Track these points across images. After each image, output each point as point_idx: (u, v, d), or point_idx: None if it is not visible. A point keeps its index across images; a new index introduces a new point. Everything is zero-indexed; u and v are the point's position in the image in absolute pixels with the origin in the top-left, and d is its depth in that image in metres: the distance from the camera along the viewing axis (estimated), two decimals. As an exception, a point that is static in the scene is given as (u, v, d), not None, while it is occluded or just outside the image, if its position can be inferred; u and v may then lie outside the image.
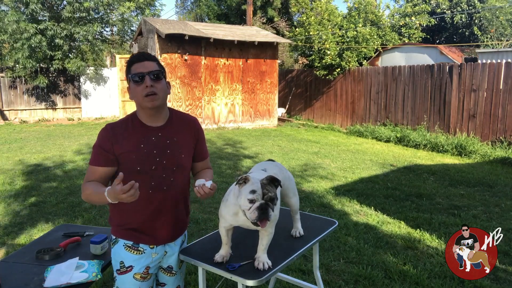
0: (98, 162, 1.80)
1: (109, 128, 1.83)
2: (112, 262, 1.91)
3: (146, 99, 1.77)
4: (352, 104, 12.23)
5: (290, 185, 2.08)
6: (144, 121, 1.85)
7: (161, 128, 1.87)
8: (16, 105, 13.64)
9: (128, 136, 1.81)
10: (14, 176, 6.23)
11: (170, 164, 1.85)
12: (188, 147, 1.93)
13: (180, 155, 1.89)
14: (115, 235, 1.90)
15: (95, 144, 1.83)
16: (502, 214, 4.70)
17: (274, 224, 1.81)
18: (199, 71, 11.61)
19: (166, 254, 1.93)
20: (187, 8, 30.47)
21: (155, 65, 1.82)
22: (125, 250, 1.85)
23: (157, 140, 1.84)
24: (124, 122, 1.87)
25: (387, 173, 6.62)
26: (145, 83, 1.76)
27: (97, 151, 1.81)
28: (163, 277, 1.98)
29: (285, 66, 20.12)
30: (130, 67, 1.83)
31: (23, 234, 4.03)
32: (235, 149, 8.75)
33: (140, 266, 1.84)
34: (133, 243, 1.85)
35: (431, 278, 3.20)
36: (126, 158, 1.79)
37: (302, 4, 13.90)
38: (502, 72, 8.25)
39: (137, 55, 1.83)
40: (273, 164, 2.05)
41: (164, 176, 1.84)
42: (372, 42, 12.61)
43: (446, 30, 18.80)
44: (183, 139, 1.91)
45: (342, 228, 4.19)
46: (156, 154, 1.82)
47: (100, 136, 1.82)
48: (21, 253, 2.23)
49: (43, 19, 13.46)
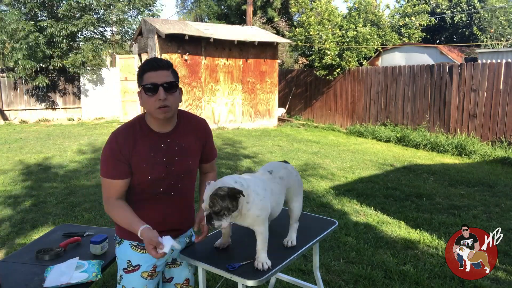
0: (115, 175, 1.74)
1: (120, 138, 1.75)
2: (117, 261, 1.90)
3: (158, 111, 1.71)
4: (352, 104, 12.23)
5: (297, 189, 2.05)
6: (152, 127, 1.80)
7: (170, 134, 1.83)
8: (16, 105, 13.64)
9: (138, 144, 1.76)
10: (14, 176, 6.23)
11: (179, 171, 1.84)
12: (195, 151, 1.91)
13: (188, 161, 1.87)
14: (120, 235, 1.88)
15: (107, 155, 1.75)
16: (502, 214, 4.70)
17: (266, 224, 1.80)
18: (199, 71, 11.61)
19: (173, 251, 1.91)
20: (187, 8, 30.46)
21: (170, 75, 1.73)
22: (131, 249, 1.85)
23: (166, 147, 1.81)
24: (131, 127, 1.79)
25: (387, 173, 6.62)
26: (158, 95, 1.69)
27: (111, 163, 1.74)
28: (169, 271, 1.98)
29: (285, 66, 20.11)
30: (142, 75, 1.73)
31: (23, 234, 4.03)
32: (235, 149, 8.75)
33: (148, 265, 1.84)
34: (138, 243, 1.84)
35: (431, 278, 3.20)
36: (138, 167, 1.76)
37: (302, 4, 13.89)
38: (502, 72, 8.25)
39: (150, 63, 1.72)
40: (283, 166, 2.02)
41: (172, 183, 1.83)
42: (372, 42, 12.61)
43: (446, 30, 18.80)
44: (191, 143, 1.88)
45: (342, 228, 4.19)
46: (165, 162, 1.80)
47: (111, 148, 1.74)
48: (21, 253, 2.23)
49: (42, 18, 13.47)
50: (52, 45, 13.26)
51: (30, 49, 12.63)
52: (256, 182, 1.81)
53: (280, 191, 1.94)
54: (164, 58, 1.79)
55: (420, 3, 16.73)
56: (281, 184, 1.94)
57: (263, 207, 1.76)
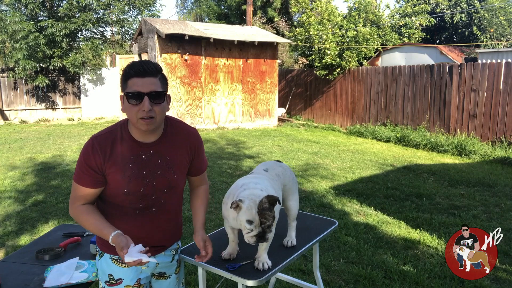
0: (85, 182, 1.60)
1: (96, 144, 1.58)
2: (98, 273, 1.77)
3: (141, 122, 1.53)
4: (352, 104, 12.23)
5: (293, 187, 2.05)
6: (135, 136, 1.62)
7: (154, 145, 1.64)
8: (16, 105, 13.63)
9: (116, 153, 1.59)
10: (14, 176, 6.23)
11: (161, 186, 1.66)
12: (181, 165, 1.72)
13: (173, 175, 1.68)
14: (100, 247, 1.74)
15: (81, 161, 1.59)
16: (502, 214, 4.70)
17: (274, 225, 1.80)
18: (199, 71, 11.61)
19: (158, 265, 1.80)
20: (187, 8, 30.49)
21: (157, 83, 1.54)
22: (112, 263, 1.71)
23: (147, 159, 1.63)
24: (112, 133, 1.62)
25: (387, 173, 6.62)
26: (142, 105, 1.51)
27: (84, 170, 1.59)
28: (155, 282, 1.86)
29: (285, 66, 20.11)
30: (127, 80, 1.54)
31: (23, 234, 4.03)
32: (235, 149, 8.75)
33: (131, 278, 1.71)
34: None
35: (431, 278, 3.19)
36: (113, 178, 1.60)
37: (302, 4, 13.89)
38: (502, 72, 8.25)
39: (137, 67, 1.53)
40: (277, 165, 2.02)
41: (153, 198, 1.66)
42: (372, 42, 12.61)
43: (446, 30, 18.81)
44: (177, 157, 1.70)
45: (342, 228, 4.19)
46: (145, 176, 1.62)
47: (87, 153, 1.58)
48: (21, 253, 2.23)
49: (42, 19, 13.48)
50: (52, 45, 13.27)
51: (30, 49, 12.63)
52: (267, 184, 1.77)
53: (279, 188, 1.94)
54: (153, 62, 1.59)
55: (420, 3, 16.74)
56: (278, 181, 1.94)
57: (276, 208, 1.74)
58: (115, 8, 14.34)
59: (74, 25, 13.13)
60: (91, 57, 13.96)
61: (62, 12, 13.02)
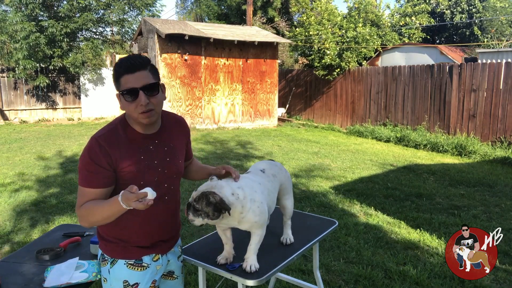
0: (95, 183, 1.56)
1: (103, 142, 1.57)
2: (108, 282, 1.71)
3: (141, 116, 1.57)
4: (352, 104, 12.23)
5: (288, 186, 2.07)
6: (137, 129, 1.66)
7: (157, 135, 1.70)
8: (16, 105, 13.63)
9: (124, 148, 1.60)
10: (14, 176, 6.23)
11: (171, 172, 1.73)
12: (182, 151, 1.83)
13: (178, 161, 1.78)
14: (112, 255, 1.70)
15: (87, 162, 1.56)
16: (502, 214, 4.70)
17: (263, 226, 1.78)
18: (199, 71, 11.61)
19: (169, 262, 1.82)
20: (187, 8, 30.48)
21: (148, 75, 1.56)
22: (128, 269, 1.69)
23: (155, 149, 1.68)
24: (114, 131, 1.63)
25: (387, 173, 6.62)
26: (139, 100, 1.53)
27: (93, 170, 1.56)
28: (163, 282, 1.87)
29: (285, 66, 20.11)
30: (119, 79, 1.55)
31: (23, 234, 4.03)
32: (235, 149, 8.75)
33: (146, 281, 1.71)
34: (135, 260, 1.69)
35: (431, 278, 3.20)
36: (127, 173, 1.61)
37: (302, 4, 13.90)
38: (502, 72, 8.25)
39: (125, 63, 1.54)
40: (272, 164, 2.04)
41: (165, 185, 1.72)
42: (372, 42, 12.61)
43: (446, 30, 18.81)
44: (178, 143, 1.80)
45: (342, 228, 4.19)
46: (157, 165, 1.68)
47: (94, 153, 1.56)
48: (21, 253, 2.23)
49: (43, 19, 13.48)
50: (52, 45, 13.27)
51: (31, 49, 12.63)
52: (254, 187, 1.77)
53: (275, 188, 1.94)
54: (140, 55, 1.62)
55: (420, 3, 16.74)
56: (274, 181, 1.95)
57: (261, 212, 1.73)
58: (115, 8, 14.36)
59: (75, 25, 13.14)
60: (91, 57, 13.95)
61: (63, 13, 13.04)
